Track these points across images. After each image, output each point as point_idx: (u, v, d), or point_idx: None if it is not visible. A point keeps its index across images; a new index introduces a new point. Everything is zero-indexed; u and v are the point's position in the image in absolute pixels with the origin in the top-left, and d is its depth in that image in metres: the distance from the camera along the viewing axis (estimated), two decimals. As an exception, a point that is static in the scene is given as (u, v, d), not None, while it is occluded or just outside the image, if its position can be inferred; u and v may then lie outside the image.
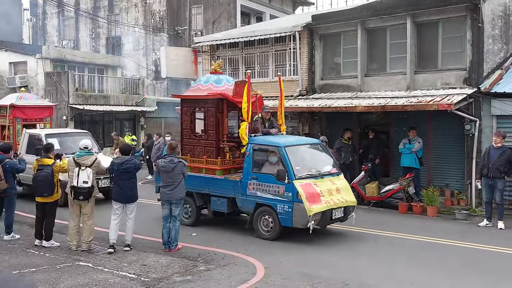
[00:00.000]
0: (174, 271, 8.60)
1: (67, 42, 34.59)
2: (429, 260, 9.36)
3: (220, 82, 12.07)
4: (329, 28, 16.87)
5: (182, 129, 12.50)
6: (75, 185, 9.65)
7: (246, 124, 11.16)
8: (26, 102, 17.11)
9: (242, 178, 11.15)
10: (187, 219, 12.09)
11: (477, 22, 13.80)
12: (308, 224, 10.08)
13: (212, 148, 11.77)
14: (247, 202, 11.08)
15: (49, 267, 8.71)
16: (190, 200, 11.93)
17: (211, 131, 11.79)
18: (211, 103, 11.73)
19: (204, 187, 11.77)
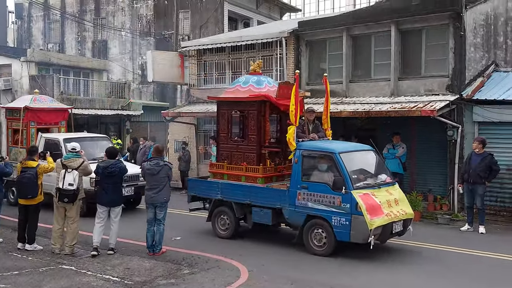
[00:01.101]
0: (158, 274, 8.62)
1: (52, 45, 34.41)
2: (410, 264, 9.47)
3: (261, 83, 11.32)
4: (315, 34, 17.02)
5: (218, 133, 11.76)
6: (60, 187, 9.62)
7: (294, 128, 10.27)
8: (40, 105, 15.82)
9: (290, 187, 10.21)
10: (224, 231, 11.27)
11: (459, 30, 14.02)
12: (368, 239, 9.22)
13: (253, 154, 10.95)
14: (295, 214, 10.13)
15: (32, 270, 8.68)
16: (227, 211, 11.18)
17: (252, 135, 10.99)
18: (253, 106, 10.97)
19: (244, 197, 10.86)
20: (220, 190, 11.26)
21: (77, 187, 9.66)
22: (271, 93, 11.07)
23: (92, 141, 15.15)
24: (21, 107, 15.24)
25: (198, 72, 20.22)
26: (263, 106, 10.99)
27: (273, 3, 32.14)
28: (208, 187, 11.58)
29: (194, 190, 11.94)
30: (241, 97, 11.18)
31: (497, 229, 12.47)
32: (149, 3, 31.06)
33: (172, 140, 21.35)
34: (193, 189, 11.97)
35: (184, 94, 26.52)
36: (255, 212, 10.80)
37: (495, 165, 12.23)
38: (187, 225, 12.65)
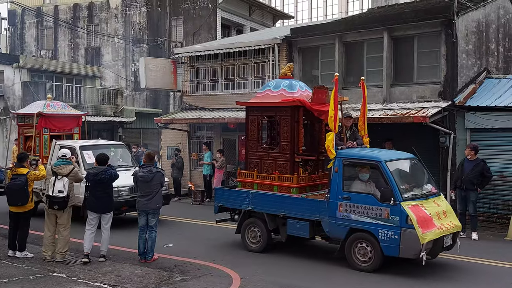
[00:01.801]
0: (150, 281, 8.56)
1: (45, 52, 34.34)
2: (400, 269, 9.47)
3: (293, 88, 10.72)
4: (308, 41, 17.06)
5: (247, 140, 11.11)
6: (50, 194, 9.54)
7: (333, 135, 9.61)
8: (54, 111, 15.11)
9: (330, 198, 9.54)
10: (255, 244, 10.62)
11: (451, 37, 14.09)
12: (420, 254, 8.60)
13: (286, 162, 10.34)
14: (337, 227, 9.47)
15: (22, 278, 8.59)
16: (259, 223, 10.54)
17: (284, 142, 10.38)
18: (286, 111, 10.39)
19: (278, 208, 10.21)
20: (250, 200, 10.59)
21: (67, 194, 9.58)
22: (304, 97, 10.51)
23: (108, 148, 14.45)
24: (34, 113, 14.58)
25: (190, 79, 20.22)
26: (297, 111, 10.36)
27: (266, 10, 32.24)
28: (237, 197, 10.90)
29: (221, 200, 11.23)
30: (273, 102, 10.60)
31: (489, 236, 12.48)
32: (142, 10, 31.09)
33: (164, 147, 21.31)
34: (220, 199, 11.27)
35: (177, 100, 26.50)
36: (290, 224, 10.11)
37: (488, 171, 12.27)
38: (179, 232, 12.59)
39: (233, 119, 17.48)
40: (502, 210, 13.50)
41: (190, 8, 29.11)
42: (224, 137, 19.46)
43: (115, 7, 32.00)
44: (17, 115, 16.11)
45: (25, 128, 15.27)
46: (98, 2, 32.56)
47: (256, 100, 11.17)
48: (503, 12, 16.52)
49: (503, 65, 16.57)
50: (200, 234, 12.22)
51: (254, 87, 18.34)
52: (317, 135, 10.99)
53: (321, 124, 10.91)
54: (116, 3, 31.94)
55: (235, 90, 18.82)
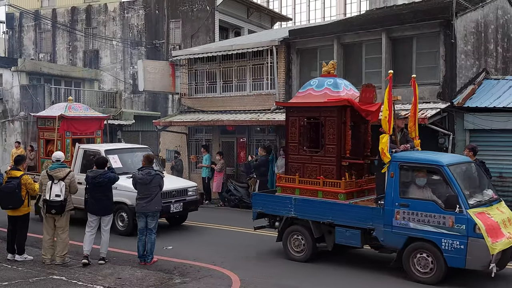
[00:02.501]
0: (150, 284, 8.53)
1: (44, 55, 34.32)
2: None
3: (338, 86, 10.04)
4: (306, 42, 17.06)
5: (287, 143, 10.54)
6: (47, 199, 9.46)
7: (387, 137, 8.98)
8: (76, 113, 14.65)
9: (385, 205, 8.93)
10: (298, 253, 10.03)
11: (450, 38, 14.10)
12: (490, 266, 8.02)
13: (332, 166, 9.72)
14: (393, 236, 8.83)
15: (22, 281, 8.56)
16: (303, 231, 9.93)
17: (330, 145, 9.75)
18: (332, 112, 9.73)
19: (325, 215, 9.59)
20: (293, 206, 9.97)
21: (64, 197, 9.49)
22: (350, 97, 9.87)
23: (133, 152, 13.93)
24: (56, 115, 14.10)
25: (189, 81, 20.21)
26: (344, 112, 9.72)
27: (264, 12, 32.26)
28: (279, 203, 10.27)
29: (260, 206, 10.60)
30: (317, 102, 9.93)
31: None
32: (140, 12, 31.09)
33: (163, 150, 21.30)
34: (259, 205, 10.64)
35: (175, 103, 26.49)
36: (339, 233, 9.45)
37: (487, 172, 12.23)
38: (180, 234, 12.57)
39: (231, 121, 17.47)
40: (501, 210, 13.48)
41: (188, 11, 29.12)
42: (223, 139, 19.45)
43: (113, 10, 32.00)
44: (38, 117, 15.55)
45: (46, 131, 14.77)
46: (96, 5, 32.56)
47: (297, 100, 10.54)
48: (501, 13, 16.54)
49: (502, 65, 16.59)
50: (199, 236, 12.20)
51: (253, 89, 18.35)
52: (362, 137, 10.40)
53: (366, 125, 10.44)
54: (114, 6, 31.94)
55: (234, 92, 18.82)
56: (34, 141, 23.94)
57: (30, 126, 24.69)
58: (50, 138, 14.51)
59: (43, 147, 14.76)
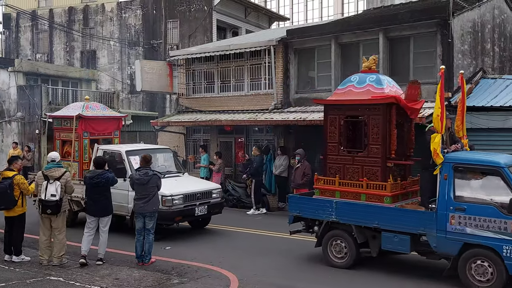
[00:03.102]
0: (148, 284, 8.53)
1: (41, 56, 34.27)
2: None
3: (381, 83, 9.51)
4: (304, 42, 17.06)
5: (326, 143, 9.92)
6: (42, 199, 9.42)
7: (440, 136, 8.56)
8: (93, 113, 14.08)
9: (438, 209, 8.43)
10: (340, 259, 9.55)
11: (447, 37, 14.11)
12: None
13: (377, 168, 9.23)
14: (447, 242, 8.35)
15: (19, 282, 8.55)
16: (345, 236, 9.45)
17: (374, 145, 9.26)
18: (376, 110, 9.23)
19: (370, 219, 9.09)
20: (335, 210, 9.47)
21: (60, 197, 9.46)
22: (394, 94, 9.42)
23: (154, 153, 13.27)
24: (74, 115, 13.50)
25: (186, 81, 20.19)
26: (389, 110, 9.23)
27: (262, 12, 32.27)
28: (318, 206, 9.77)
29: (297, 209, 10.11)
30: (361, 100, 9.41)
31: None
32: (137, 12, 31.08)
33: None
34: (296, 208, 10.14)
35: (173, 103, 26.48)
36: (386, 238, 8.94)
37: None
38: (177, 234, 12.55)
39: (229, 121, 17.46)
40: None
41: (186, 11, 29.11)
42: (221, 139, 19.44)
43: (111, 10, 31.98)
44: (53, 118, 14.88)
45: (62, 131, 14.18)
46: (93, 5, 32.53)
47: (336, 97, 9.97)
48: (498, 12, 16.57)
49: (499, 65, 16.62)
50: (199, 236, 12.19)
51: (250, 89, 18.34)
52: (406, 136, 9.97)
53: (410, 124, 10.08)
54: (111, 6, 31.91)
55: (231, 92, 18.81)
56: (31, 141, 23.96)
57: (27, 126, 24.67)
58: (67, 138, 13.99)
59: (59, 148, 14.11)
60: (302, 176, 14.72)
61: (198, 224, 13.21)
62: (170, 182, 12.14)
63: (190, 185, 12.67)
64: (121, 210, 12.08)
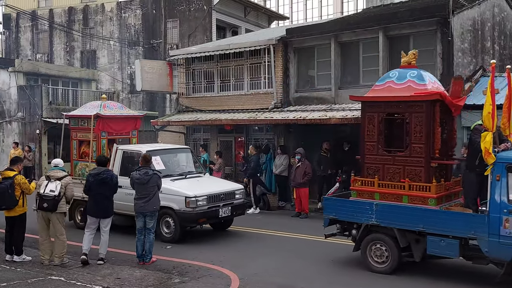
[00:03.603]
0: (149, 284, 8.54)
1: (41, 56, 34.26)
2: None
3: (423, 79, 9.08)
4: (303, 41, 17.06)
5: (363, 142, 9.47)
6: (41, 193, 9.44)
7: (491, 135, 8.12)
8: (111, 112, 13.70)
9: (490, 212, 7.98)
10: (381, 264, 9.10)
11: (447, 36, 14.11)
12: None
13: (419, 168, 8.82)
14: (500, 246, 7.87)
15: (20, 282, 8.56)
16: (386, 239, 8.99)
17: (417, 144, 8.85)
18: (419, 107, 8.84)
19: (415, 223, 8.63)
20: (375, 213, 9.02)
21: (58, 193, 9.46)
22: (436, 90, 9.04)
23: (175, 153, 13.36)
24: (91, 115, 13.15)
25: (186, 81, 20.20)
26: (433, 107, 8.82)
27: (261, 11, 32.26)
28: (356, 209, 9.33)
29: (334, 211, 9.66)
30: (403, 97, 8.98)
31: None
32: (137, 12, 31.07)
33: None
34: (332, 210, 9.70)
35: (173, 103, 26.48)
36: (432, 242, 8.48)
37: (485, 169, 12.25)
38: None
39: (229, 120, 17.48)
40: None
41: (185, 10, 29.11)
42: (221, 138, 19.45)
43: (110, 10, 31.96)
44: (70, 117, 14.42)
45: (79, 131, 13.79)
46: (93, 5, 32.51)
47: (375, 94, 9.50)
48: (498, 10, 16.57)
49: (499, 63, 16.57)
50: (200, 236, 12.19)
51: (250, 88, 18.35)
52: (448, 135, 9.57)
53: (452, 122, 9.70)
54: (111, 6, 31.90)
55: (231, 91, 18.81)
56: (31, 141, 23.98)
57: (27, 126, 24.68)
58: (84, 138, 13.64)
59: (76, 149, 13.78)
60: (303, 175, 14.75)
61: (221, 226, 12.86)
62: (193, 183, 12.04)
63: (213, 185, 12.42)
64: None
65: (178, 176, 12.22)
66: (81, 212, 12.98)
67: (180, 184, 11.82)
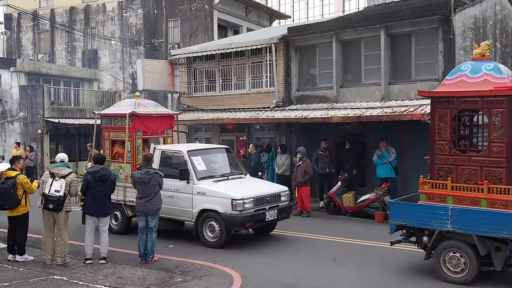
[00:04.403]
0: (151, 283, 8.53)
1: (42, 56, 34.30)
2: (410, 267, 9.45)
3: (501, 71, 8.38)
4: (305, 40, 17.05)
5: (433, 140, 8.80)
6: (46, 193, 9.44)
7: None
8: (146, 110, 12.99)
9: None
10: (457, 274, 8.36)
11: (448, 34, 14.08)
12: None
13: (500, 169, 8.13)
14: None
15: (23, 281, 8.56)
16: (463, 247, 8.27)
17: (497, 143, 8.16)
18: (500, 103, 8.14)
19: (496, 229, 7.90)
20: (450, 218, 8.30)
21: (63, 194, 9.47)
22: None
23: (215, 153, 12.75)
24: (126, 113, 12.40)
25: (188, 80, 20.20)
26: None
27: (262, 10, 32.25)
28: (428, 214, 8.58)
29: (401, 217, 8.90)
30: (480, 91, 8.25)
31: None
32: (138, 12, 31.09)
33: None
34: (399, 215, 8.93)
35: (174, 102, 26.47)
36: None
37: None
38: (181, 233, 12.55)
39: (231, 119, 17.47)
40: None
41: (187, 9, 29.12)
42: (223, 137, 19.45)
43: (112, 9, 31.99)
44: (102, 116, 13.55)
45: (112, 131, 13.00)
46: (95, 5, 32.54)
47: (445, 88, 8.80)
48: (499, 8, 16.53)
49: (501, 61, 16.54)
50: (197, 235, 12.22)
51: (252, 87, 18.34)
52: None
53: None
54: (112, 5, 31.93)
55: (233, 90, 18.81)
56: (33, 141, 24.00)
57: (29, 126, 24.71)
58: (117, 138, 12.90)
59: (108, 149, 13.01)
60: (303, 174, 14.73)
61: (264, 230, 12.07)
62: (237, 185, 11.47)
63: (259, 187, 11.81)
64: (184, 215, 11.41)
65: (220, 177, 11.61)
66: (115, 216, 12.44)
67: (224, 186, 11.20)
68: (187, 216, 11.36)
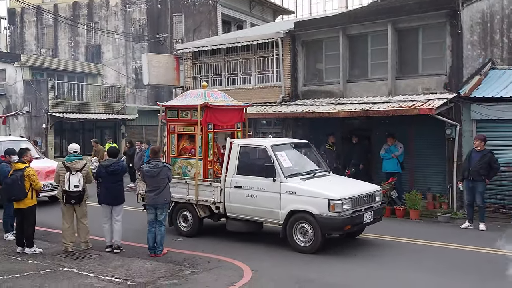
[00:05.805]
0: (160, 275, 8.53)
1: (46, 51, 34.29)
2: (413, 261, 9.44)
3: None
4: (311, 34, 16.99)
5: None
6: (66, 190, 9.76)
7: None
8: (217, 101, 11.76)
9: None
10: None
11: (456, 28, 14.02)
12: None
13: None
14: None
15: (33, 273, 8.57)
16: None
17: None
18: None
19: None
20: None
21: (82, 188, 9.87)
22: None
23: (299, 148, 11.67)
24: (198, 104, 11.22)
25: (193, 75, 20.16)
26: None
27: (266, 6, 32.21)
28: None
29: None
30: None
31: (497, 226, 12.44)
32: (142, 7, 31.07)
33: (168, 143, 21.25)
34: None
35: (179, 97, 26.46)
36: None
37: (495, 162, 12.21)
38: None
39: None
40: (508, 201, 13.46)
41: (190, 4, 29.10)
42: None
43: (115, 4, 31.97)
44: (167, 108, 12.39)
45: (179, 124, 11.87)
46: (98, 0, 32.52)
47: None
48: (507, 3, 16.45)
49: (508, 56, 16.50)
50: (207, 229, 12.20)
51: (258, 81, 18.31)
52: None
53: None
54: (116, 0, 31.92)
55: (239, 85, 18.77)
56: (38, 136, 23.99)
57: (34, 121, 24.71)
58: (185, 132, 11.82)
59: (174, 144, 11.93)
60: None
61: (352, 234, 10.87)
62: (328, 183, 10.43)
63: (352, 186, 10.70)
64: (268, 217, 10.34)
65: (306, 175, 10.53)
66: (184, 217, 11.59)
67: (316, 184, 10.15)
68: (272, 218, 10.27)
